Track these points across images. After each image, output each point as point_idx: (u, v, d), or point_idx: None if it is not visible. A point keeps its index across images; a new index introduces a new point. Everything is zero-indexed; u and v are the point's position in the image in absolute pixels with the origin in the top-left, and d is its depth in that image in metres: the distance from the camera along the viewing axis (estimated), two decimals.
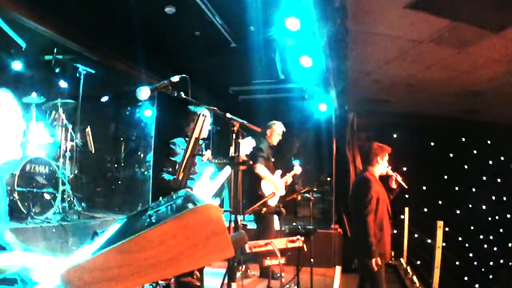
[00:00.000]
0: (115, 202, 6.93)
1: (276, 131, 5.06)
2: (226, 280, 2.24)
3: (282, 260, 3.10)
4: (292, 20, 4.03)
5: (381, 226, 3.36)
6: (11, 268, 1.42)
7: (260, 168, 4.72)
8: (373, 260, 3.23)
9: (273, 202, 4.68)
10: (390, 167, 3.63)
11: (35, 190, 4.30)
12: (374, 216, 3.32)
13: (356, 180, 3.57)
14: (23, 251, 1.73)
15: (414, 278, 5.99)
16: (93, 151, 5.72)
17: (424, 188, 8.51)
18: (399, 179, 3.64)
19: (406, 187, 3.63)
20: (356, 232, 3.61)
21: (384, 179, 3.66)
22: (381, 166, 3.56)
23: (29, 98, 4.79)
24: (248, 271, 4.99)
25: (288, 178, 5.08)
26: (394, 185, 3.64)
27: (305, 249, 3.35)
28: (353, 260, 3.75)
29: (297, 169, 5.23)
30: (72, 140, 5.33)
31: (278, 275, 3.58)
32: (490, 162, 9.56)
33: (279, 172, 5.06)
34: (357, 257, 3.69)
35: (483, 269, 9.04)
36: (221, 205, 4.90)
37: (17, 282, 1.45)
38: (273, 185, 4.83)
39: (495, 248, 9.22)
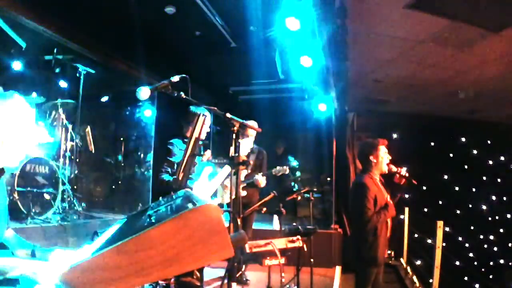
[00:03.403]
0: (115, 202, 6.93)
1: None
2: (226, 280, 2.25)
3: (282, 260, 3.10)
4: (292, 20, 4.02)
5: (375, 231, 3.16)
6: (13, 270, 1.42)
7: None
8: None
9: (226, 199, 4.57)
10: (393, 166, 3.33)
11: (35, 190, 4.30)
12: (374, 223, 3.11)
13: (352, 184, 3.42)
14: (25, 248, 1.73)
15: (414, 278, 5.99)
16: (93, 151, 5.72)
17: (424, 188, 8.50)
18: (404, 173, 3.31)
19: (415, 182, 3.31)
20: (354, 234, 3.53)
21: (390, 177, 3.38)
22: (380, 164, 3.29)
23: (29, 98, 4.79)
24: (244, 277, 4.72)
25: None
26: (400, 181, 3.32)
27: (305, 249, 3.36)
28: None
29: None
30: (72, 140, 5.33)
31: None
32: (490, 162, 9.55)
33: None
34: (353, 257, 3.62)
35: (483, 269, 9.04)
36: (221, 205, 4.89)
37: (19, 283, 1.45)
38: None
39: (495, 248, 9.22)
